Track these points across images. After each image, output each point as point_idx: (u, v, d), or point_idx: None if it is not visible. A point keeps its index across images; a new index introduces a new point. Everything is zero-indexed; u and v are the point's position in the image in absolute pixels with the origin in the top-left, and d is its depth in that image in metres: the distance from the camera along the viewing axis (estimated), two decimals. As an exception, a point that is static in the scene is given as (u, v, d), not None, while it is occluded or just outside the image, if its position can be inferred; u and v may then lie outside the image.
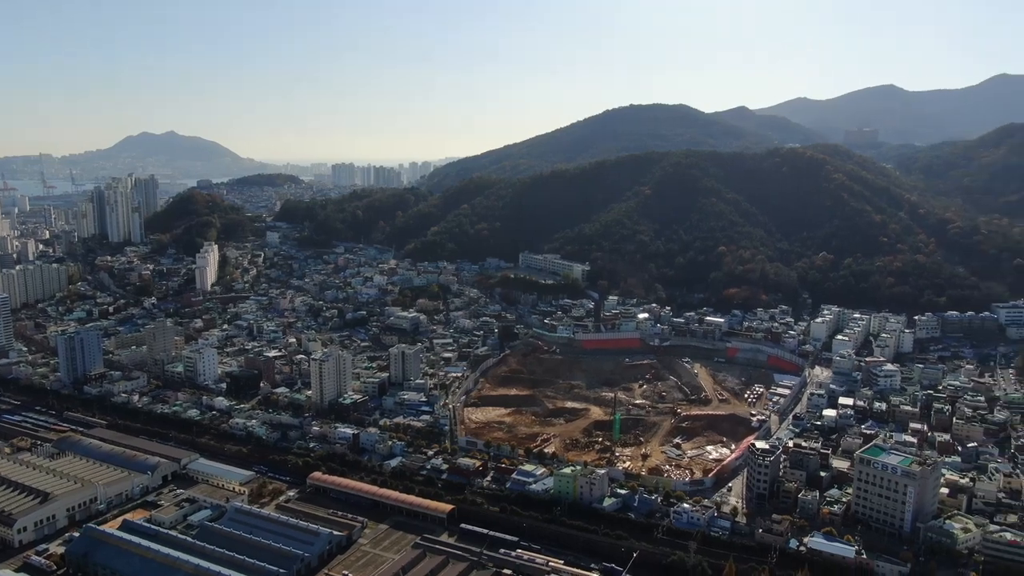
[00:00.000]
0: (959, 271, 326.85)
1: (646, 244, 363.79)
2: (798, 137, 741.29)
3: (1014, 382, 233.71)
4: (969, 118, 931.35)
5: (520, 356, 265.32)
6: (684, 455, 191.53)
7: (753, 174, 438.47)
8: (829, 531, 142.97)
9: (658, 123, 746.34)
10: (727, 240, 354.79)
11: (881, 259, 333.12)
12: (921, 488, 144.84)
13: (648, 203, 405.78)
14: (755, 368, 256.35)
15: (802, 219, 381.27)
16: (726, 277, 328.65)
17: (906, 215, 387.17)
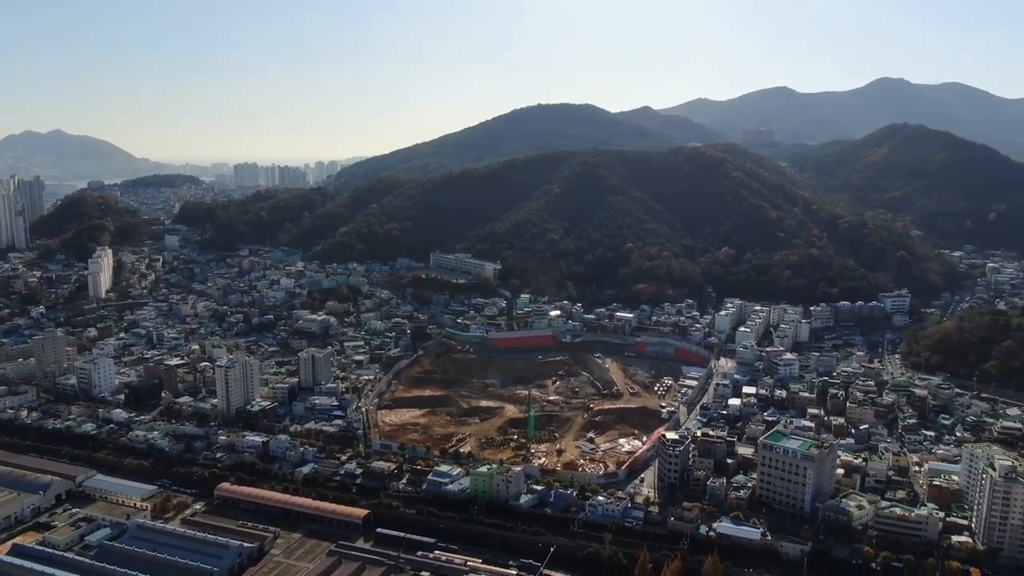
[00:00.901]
0: (849, 263, 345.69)
1: (556, 242, 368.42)
2: (699, 136, 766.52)
3: (900, 366, 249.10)
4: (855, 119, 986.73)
5: (433, 356, 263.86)
6: (598, 449, 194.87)
7: (658, 172, 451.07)
8: (736, 515, 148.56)
9: (565, 122, 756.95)
10: (634, 237, 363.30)
11: (779, 253, 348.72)
12: (819, 470, 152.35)
13: (557, 202, 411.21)
14: (664, 361, 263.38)
15: (705, 216, 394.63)
16: (634, 273, 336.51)
17: (800, 211, 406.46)
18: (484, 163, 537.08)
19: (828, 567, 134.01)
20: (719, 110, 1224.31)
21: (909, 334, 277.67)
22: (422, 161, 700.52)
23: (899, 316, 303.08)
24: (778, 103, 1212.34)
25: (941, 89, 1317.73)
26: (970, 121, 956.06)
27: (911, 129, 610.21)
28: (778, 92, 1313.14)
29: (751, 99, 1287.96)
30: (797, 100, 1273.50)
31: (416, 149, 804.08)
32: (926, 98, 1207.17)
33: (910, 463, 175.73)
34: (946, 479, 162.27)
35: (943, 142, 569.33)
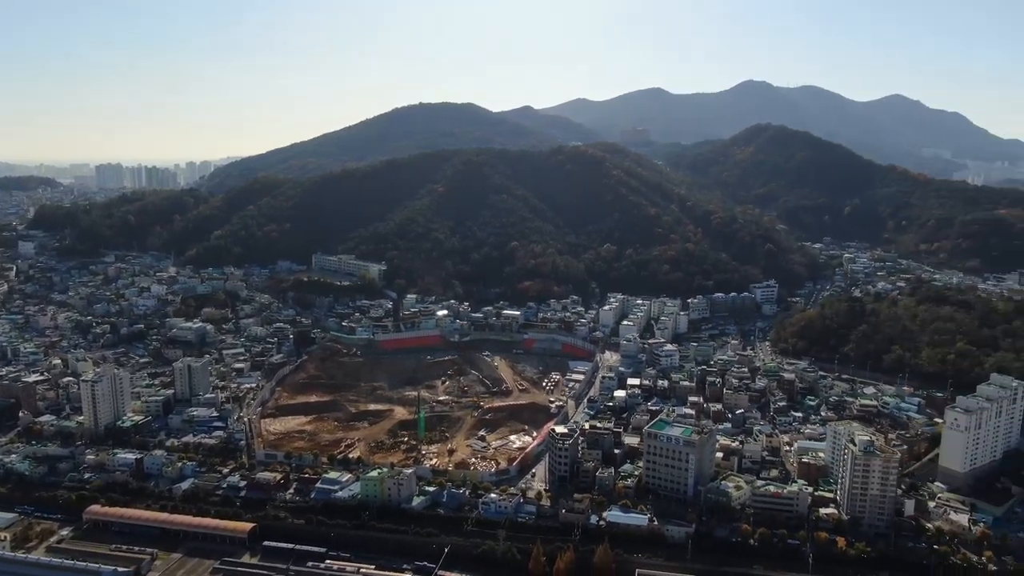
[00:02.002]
0: (722, 257, 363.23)
1: (442, 241, 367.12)
2: (580, 136, 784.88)
3: (770, 353, 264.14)
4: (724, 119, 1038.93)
5: (318, 361, 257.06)
6: (489, 446, 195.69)
7: (540, 171, 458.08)
8: (625, 503, 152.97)
9: (448, 121, 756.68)
10: (519, 235, 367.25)
11: (658, 249, 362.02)
12: (700, 455, 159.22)
13: (441, 201, 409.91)
14: (551, 357, 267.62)
15: (587, 213, 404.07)
16: (520, 271, 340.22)
17: (677, 208, 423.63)
18: (366, 162, 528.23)
19: (711, 547, 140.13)
20: (598, 110, 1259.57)
21: (777, 322, 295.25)
22: (301, 161, 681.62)
23: (768, 305, 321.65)
24: (653, 104, 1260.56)
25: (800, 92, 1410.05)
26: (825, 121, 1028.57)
27: (774, 129, 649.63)
28: (653, 93, 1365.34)
29: (628, 100, 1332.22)
30: (671, 101, 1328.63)
31: (294, 148, 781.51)
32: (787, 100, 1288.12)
33: (781, 443, 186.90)
34: (813, 456, 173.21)
35: (802, 141, 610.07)
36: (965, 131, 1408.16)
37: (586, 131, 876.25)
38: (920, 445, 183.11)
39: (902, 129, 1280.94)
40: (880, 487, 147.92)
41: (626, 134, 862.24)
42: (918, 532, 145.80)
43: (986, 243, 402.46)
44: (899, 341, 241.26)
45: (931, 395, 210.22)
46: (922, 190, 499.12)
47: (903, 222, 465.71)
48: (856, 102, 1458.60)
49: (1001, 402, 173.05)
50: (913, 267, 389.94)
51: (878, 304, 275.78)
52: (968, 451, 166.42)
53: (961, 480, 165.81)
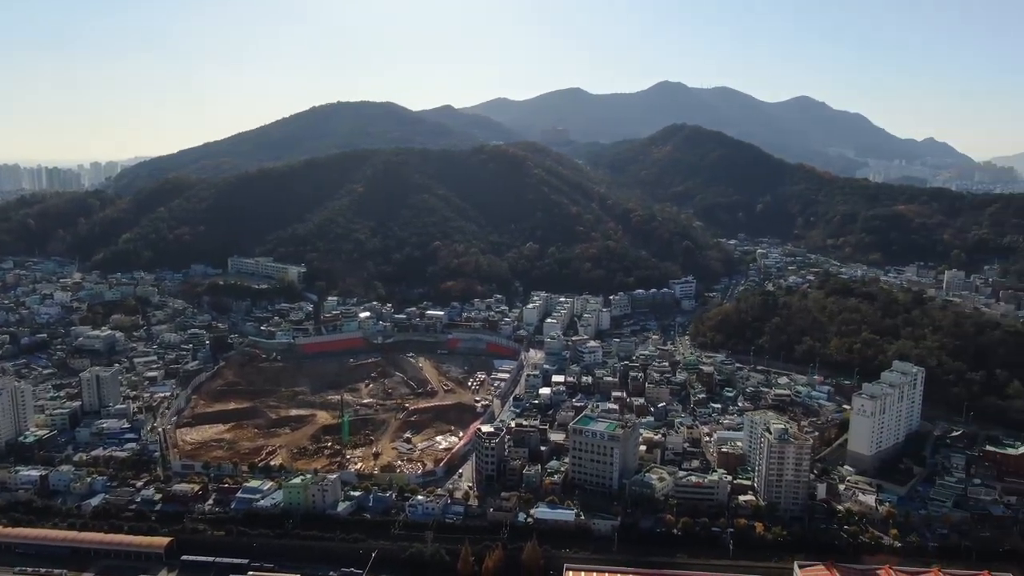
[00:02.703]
0: (642, 254, 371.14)
1: (363, 242, 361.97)
2: (500, 135, 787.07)
3: (689, 347, 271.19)
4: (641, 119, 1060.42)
5: (236, 367, 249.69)
6: (415, 448, 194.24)
7: (462, 171, 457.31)
8: (552, 500, 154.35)
9: (367, 120, 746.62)
10: (442, 235, 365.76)
11: (579, 247, 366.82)
12: (624, 448, 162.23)
13: (362, 201, 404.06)
14: (476, 356, 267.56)
15: (509, 212, 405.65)
16: (443, 271, 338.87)
17: (597, 206, 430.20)
18: (283, 162, 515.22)
19: (637, 538, 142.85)
20: (518, 110, 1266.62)
21: (696, 317, 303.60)
22: (214, 161, 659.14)
23: (687, 300, 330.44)
24: (572, 104, 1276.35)
25: (713, 93, 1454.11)
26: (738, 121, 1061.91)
27: (690, 129, 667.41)
28: (572, 93, 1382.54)
29: (547, 99, 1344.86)
30: (589, 101, 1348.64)
31: (207, 148, 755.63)
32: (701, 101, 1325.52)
33: (702, 434, 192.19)
34: (732, 446, 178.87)
35: (717, 141, 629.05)
36: (866, 131, 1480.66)
37: (507, 130, 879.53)
38: (830, 431, 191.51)
39: (809, 129, 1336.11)
40: (794, 473, 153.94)
41: (546, 133, 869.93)
42: (830, 514, 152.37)
43: (887, 237, 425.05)
44: (809, 332, 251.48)
45: (839, 383, 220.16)
46: (828, 188, 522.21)
47: (811, 218, 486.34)
48: (766, 103, 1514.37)
49: (903, 387, 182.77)
50: (821, 261, 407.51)
51: (789, 297, 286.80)
52: (874, 435, 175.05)
53: (868, 463, 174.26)
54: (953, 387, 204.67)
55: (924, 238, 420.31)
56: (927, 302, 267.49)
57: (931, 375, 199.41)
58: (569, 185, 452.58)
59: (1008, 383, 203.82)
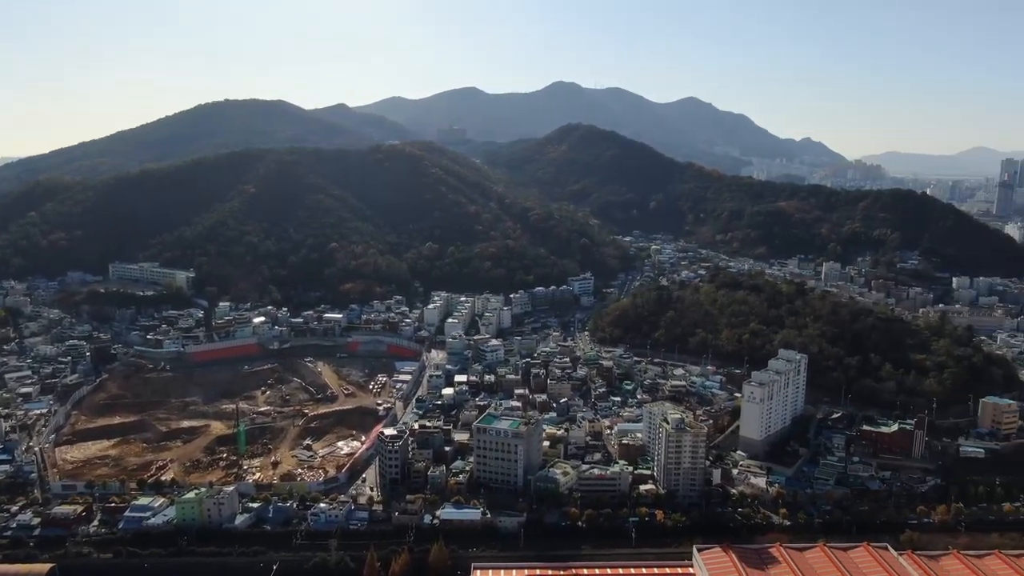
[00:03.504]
0: (541, 252, 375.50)
1: (255, 245, 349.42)
2: (396, 134, 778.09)
3: (589, 342, 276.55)
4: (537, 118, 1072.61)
5: (121, 379, 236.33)
6: (316, 455, 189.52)
7: (358, 170, 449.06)
8: (458, 500, 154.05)
9: (257, 119, 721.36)
10: (338, 236, 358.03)
11: (479, 246, 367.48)
12: (528, 445, 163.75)
13: (253, 202, 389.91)
14: (377, 359, 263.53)
15: (407, 212, 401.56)
16: (341, 273, 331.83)
17: (496, 205, 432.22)
18: (168, 163, 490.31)
19: (542, 532, 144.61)
20: (413, 108, 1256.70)
21: (595, 313, 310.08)
22: (91, 161, 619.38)
23: (586, 297, 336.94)
24: (469, 103, 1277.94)
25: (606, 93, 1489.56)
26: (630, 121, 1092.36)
27: (584, 129, 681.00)
28: (468, 92, 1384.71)
29: (443, 98, 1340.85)
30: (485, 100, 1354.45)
31: (83, 148, 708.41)
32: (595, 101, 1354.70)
33: (603, 427, 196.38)
34: (632, 437, 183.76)
35: (610, 141, 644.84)
36: (750, 131, 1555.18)
37: (403, 130, 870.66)
38: (723, 418, 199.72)
39: (697, 129, 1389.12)
40: (691, 460, 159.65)
41: (443, 133, 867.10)
42: (725, 498, 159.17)
43: (770, 232, 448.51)
44: (702, 324, 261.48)
45: (731, 372, 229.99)
46: (716, 185, 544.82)
47: (701, 215, 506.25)
48: (657, 103, 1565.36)
49: (788, 374, 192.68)
50: (711, 256, 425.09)
51: (683, 291, 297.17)
52: (763, 420, 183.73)
53: (758, 447, 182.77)
54: (833, 372, 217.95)
55: (804, 232, 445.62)
56: (808, 293, 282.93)
57: (813, 361, 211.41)
58: (467, 184, 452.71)
59: (881, 366, 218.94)
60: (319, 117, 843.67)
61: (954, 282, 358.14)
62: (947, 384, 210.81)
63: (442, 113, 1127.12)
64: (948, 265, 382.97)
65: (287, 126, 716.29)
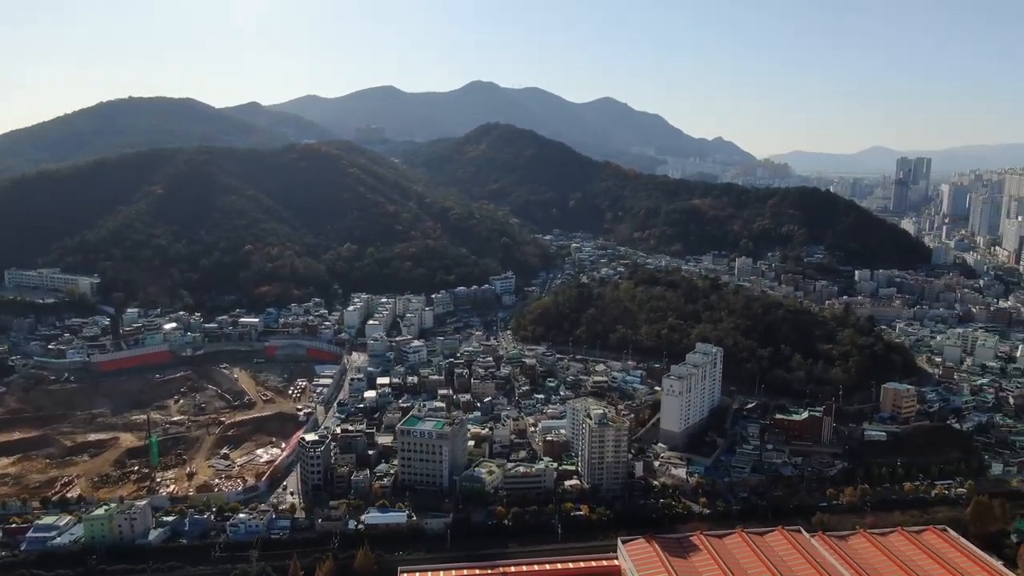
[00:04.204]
0: (462, 251, 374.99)
1: (165, 248, 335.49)
2: (312, 133, 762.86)
3: (512, 341, 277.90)
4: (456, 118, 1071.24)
5: (20, 392, 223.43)
6: (234, 464, 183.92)
7: (272, 170, 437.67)
8: (383, 503, 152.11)
9: (164, 118, 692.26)
10: (253, 238, 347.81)
11: (399, 246, 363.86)
12: (453, 445, 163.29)
13: (162, 204, 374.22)
14: (296, 363, 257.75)
15: (325, 212, 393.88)
16: (256, 276, 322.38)
17: (415, 205, 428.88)
18: (69, 163, 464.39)
19: (469, 532, 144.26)
20: (329, 107, 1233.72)
21: (517, 311, 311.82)
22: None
23: (507, 296, 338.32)
24: (386, 102, 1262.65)
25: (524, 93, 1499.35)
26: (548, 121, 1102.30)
27: (503, 128, 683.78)
28: (385, 91, 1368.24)
29: (360, 97, 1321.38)
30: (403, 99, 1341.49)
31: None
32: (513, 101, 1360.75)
33: (527, 425, 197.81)
34: (556, 434, 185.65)
35: (529, 140, 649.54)
36: (664, 131, 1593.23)
37: (319, 129, 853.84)
38: (644, 412, 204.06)
39: (613, 129, 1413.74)
40: (614, 454, 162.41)
41: (360, 132, 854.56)
42: (647, 490, 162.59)
43: (686, 229, 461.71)
44: (622, 321, 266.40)
45: (651, 366, 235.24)
46: (633, 184, 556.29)
47: (619, 213, 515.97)
48: (574, 103, 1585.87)
49: (705, 367, 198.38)
50: (630, 253, 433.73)
51: (603, 288, 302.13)
52: (683, 413, 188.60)
53: (678, 439, 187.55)
54: (747, 363, 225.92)
55: (717, 229, 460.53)
56: (722, 288, 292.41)
57: (728, 354, 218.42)
58: (386, 184, 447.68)
59: (791, 357, 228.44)
60: (230, 115, 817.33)
61: (856, 275, 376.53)
62: (852, 372, 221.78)
63: (359, 112, 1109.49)
64: (851, 258, 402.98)
65: (197, 125, 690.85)
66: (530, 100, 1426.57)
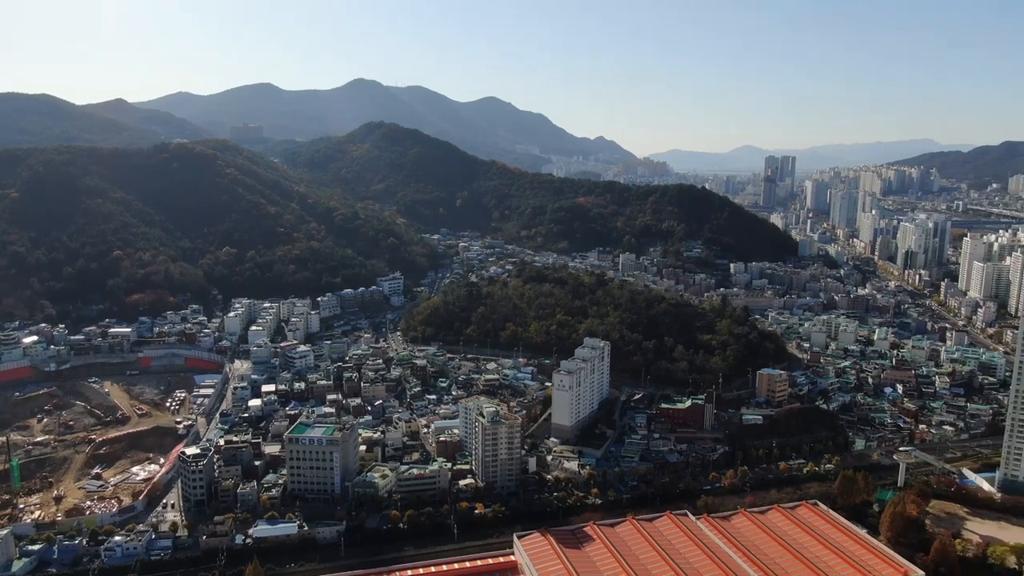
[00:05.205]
0: (348, 253, 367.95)
1: (23, 256, 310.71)
2: (185, 132, 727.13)
3: (402, 342, 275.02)
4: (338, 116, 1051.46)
5: None
6: (107, 484, 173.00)
7: (142, 171, 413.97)
8: (272, 515, 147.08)
9: (18, 116, 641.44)
10: (122, 243, 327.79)
11: (281, 249, 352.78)
12: (344, 451, 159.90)
13: (18, 208, 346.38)
14: (174, 374, 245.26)
15: (201, 215, 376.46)
16: (127, 283, 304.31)
17: (298, 206, 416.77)
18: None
19: (363, 539, 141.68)
20: (203, 105, 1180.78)
21: (406, 312, 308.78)
22: None
23: (396, 297, 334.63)
24: (264, 100, 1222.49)
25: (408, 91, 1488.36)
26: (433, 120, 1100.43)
27: (387, 127, 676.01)
28: (263, 88, 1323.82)
29: (236, 94, 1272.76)
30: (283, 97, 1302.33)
31: None
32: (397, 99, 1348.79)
33: (420, 427, 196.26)
34: (449, 434, 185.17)
35: (414, 139, 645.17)
36: (548, 130, 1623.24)
37: (192, 127, 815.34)
38: (536, 408, 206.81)
39: (497, 128, 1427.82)
40: (508, 451, 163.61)
41: (237, 131, 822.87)
42: (541, 484, 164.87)
43: (571, 227, 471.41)
44: (512, 318, 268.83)
45: (541, 363, 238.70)
46: (519, 182, 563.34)
47: (506, 211, 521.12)
48: (458, 102, 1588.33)
49: (593, 361, 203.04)
50: (517, 251, 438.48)
51: (492, 287, 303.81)
52: (573, 407, 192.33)
53: (569, 432, 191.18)
54: (633, 356, 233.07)
55: (602, 226, 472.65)
56: (608, 283, 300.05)
57: (615, 347, 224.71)
58: (266, 185, 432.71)
59: (674, 348, 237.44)
60: (94, 113, 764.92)
61: (732, 267, 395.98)
62: (730, 360, 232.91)
63: (236, 110, 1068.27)
64: (726, 252, 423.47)
65: (56, 123, 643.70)
66: (414, 98, 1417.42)
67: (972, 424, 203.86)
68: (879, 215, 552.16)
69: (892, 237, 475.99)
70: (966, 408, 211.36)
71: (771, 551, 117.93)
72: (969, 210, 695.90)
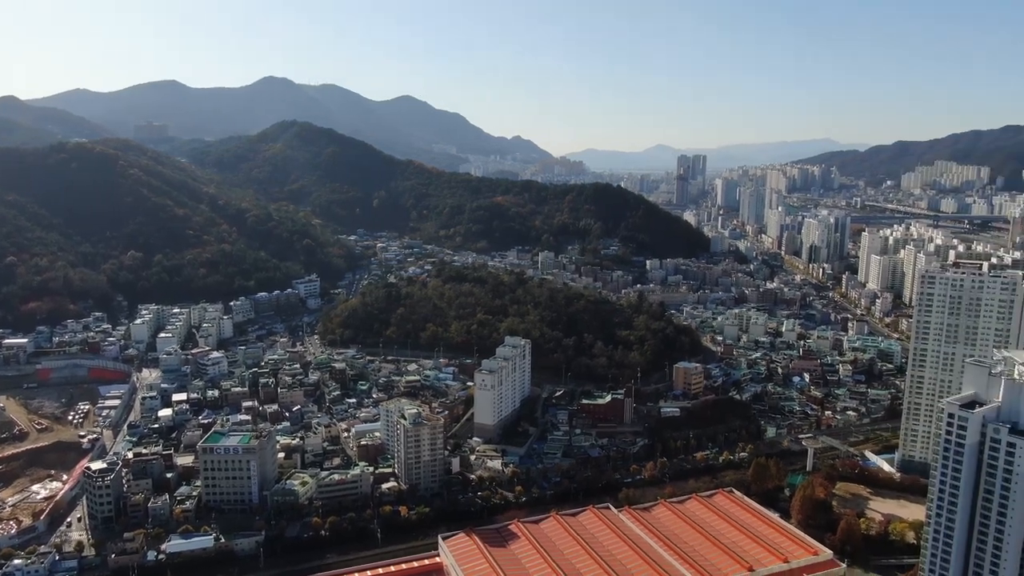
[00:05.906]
0: (262, 255, 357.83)
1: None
2: (83, 131, 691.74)
3: (319, 345, 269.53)
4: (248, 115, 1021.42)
5: None
6: (4, 505, 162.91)
7: (37, 172, 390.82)
8: (186, 529, 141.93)
9: None
10: (16, 249, 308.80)
11: (191, 252, 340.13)
12: (261, 459, 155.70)
13: None
14: (76, 385, 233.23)
15: (103, 218, 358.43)
16: (22, 291, 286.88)
17: (207, 207, 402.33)
18: None
19: (284, 548, 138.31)
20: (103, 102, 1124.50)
21: (323, 315, 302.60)
22: None
23: (312, 299, 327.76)
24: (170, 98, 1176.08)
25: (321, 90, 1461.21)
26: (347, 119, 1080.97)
27: (300, 126, 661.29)
28: (169, 86, 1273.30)
29: (139, 92, 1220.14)
30: (189, 95, 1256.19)
31: None
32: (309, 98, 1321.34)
33: (340, 431, 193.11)
34: (370, 437, 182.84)
35: (328, 138, 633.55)
36: (465, 130, 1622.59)
37: (92, 126, 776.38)
38: (458, 408, 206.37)
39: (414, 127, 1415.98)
40: (430, 452, 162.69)
41: (141, 130, 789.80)
42: (465, 484, 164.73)
43: (490, 226, 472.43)
44: (432, 319, 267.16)
45: (462, 363, 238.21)
46: (437, 182, 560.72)
47: (424, 211, 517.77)
48: (373, 101, 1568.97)
49: (515, 359, 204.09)
50: (436, 251, 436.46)
51: (411, 287, 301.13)
52: (495, 405, 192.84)
53: (492, 431, 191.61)
54: (554, 353, 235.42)
55: (520, 225, 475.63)
56: (527, 282, 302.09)
57: (536, 345, 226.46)
58: (173, 186, 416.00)
59: (594, 344, 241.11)
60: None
61: (647, 264, 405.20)
62: (647, 354, 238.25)
63: (139, 108, 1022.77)
64: (642, 249, 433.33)
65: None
66: (327, 97, 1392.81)
67: (873, 409, 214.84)
68: (785, 212, 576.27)
69: (797, 232, 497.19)
70: (867, 394, 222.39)
71: (690, 539, 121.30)
72: (867, 206, 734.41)
